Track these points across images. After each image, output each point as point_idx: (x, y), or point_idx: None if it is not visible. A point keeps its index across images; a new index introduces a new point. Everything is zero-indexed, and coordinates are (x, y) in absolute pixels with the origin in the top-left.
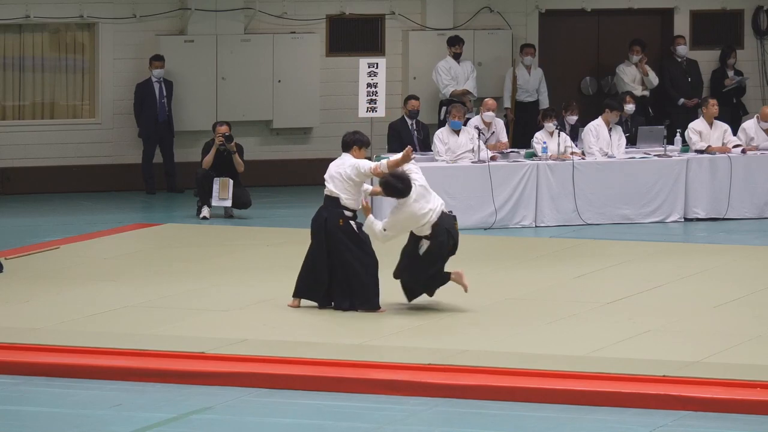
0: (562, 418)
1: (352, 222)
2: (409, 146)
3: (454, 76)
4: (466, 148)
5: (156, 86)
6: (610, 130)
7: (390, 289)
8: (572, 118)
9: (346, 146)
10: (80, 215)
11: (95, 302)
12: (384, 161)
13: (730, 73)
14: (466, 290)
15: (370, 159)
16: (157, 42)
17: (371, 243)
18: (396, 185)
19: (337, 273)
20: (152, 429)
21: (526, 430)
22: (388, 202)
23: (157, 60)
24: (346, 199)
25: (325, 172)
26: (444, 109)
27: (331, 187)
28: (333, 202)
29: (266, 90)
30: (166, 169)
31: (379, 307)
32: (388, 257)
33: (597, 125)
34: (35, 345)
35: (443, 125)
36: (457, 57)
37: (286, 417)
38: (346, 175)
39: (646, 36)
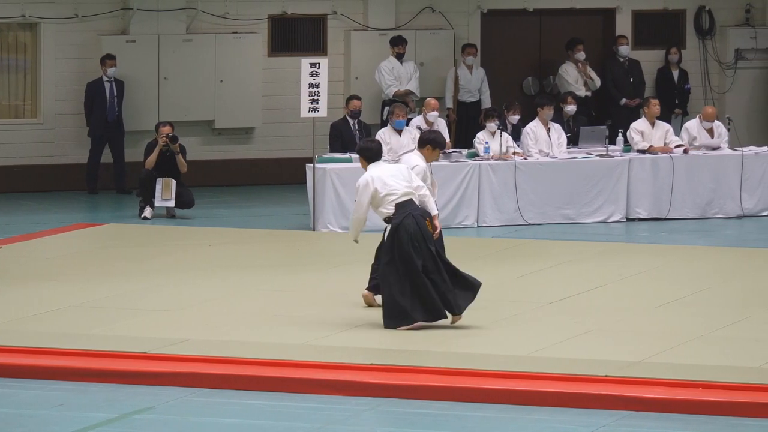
0: (504, 418)
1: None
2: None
3: (397, 76)
4: (408, 149)
5: (107, 86)
6: (548, 129)
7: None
8: (514, 118)
9: (421, 143)
10: (22, 215)
11: (37, 302)
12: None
13: (675, 73)
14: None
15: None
16: (99, 42)
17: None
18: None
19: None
20: (94, 429)
21: (468, 430)
22: None
23: (110, 59)
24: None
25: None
26: (386, 109)
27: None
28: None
29: (208, 90)
30: (115, 170)
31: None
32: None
33: (534, 127)
34: None
35: (385, 125)
36: (400, 57)
37: (227, 417)
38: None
39: (588, 36)
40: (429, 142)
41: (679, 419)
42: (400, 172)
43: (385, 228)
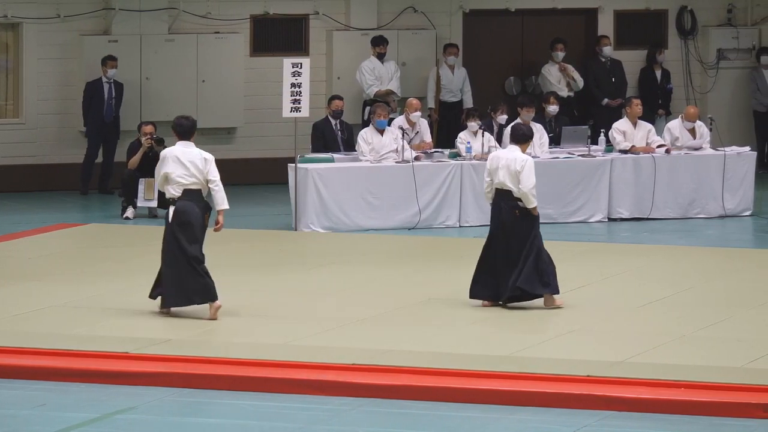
0: (486, 418)
1: (528, 214)
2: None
3: (378, 76)
4: (390, 148)
5: (106, 86)
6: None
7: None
8: (502, 118)
9: (524, 139)
10: (4, 215)
11: (19, 302)
12: None
13: (658, 73)
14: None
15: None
16: (81, 42)
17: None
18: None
19: (526, 261)
20: (76, 429)
21: (451, 429)
22: None
23: (111, 60)
24: (516, 192)
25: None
26: (368, 109)
27: (502, 179)
28: (506, 194)
29: (190, 90)
30: (102, 170)
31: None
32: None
33: None
34: None
35: (367, 125)
36: (381, 57)
37: (209, 417)
38: (514, 170)
39: (570, 36)
40: (527, 137)
41: (661, 419)
42: (199, 160)
43: (167, 209)
